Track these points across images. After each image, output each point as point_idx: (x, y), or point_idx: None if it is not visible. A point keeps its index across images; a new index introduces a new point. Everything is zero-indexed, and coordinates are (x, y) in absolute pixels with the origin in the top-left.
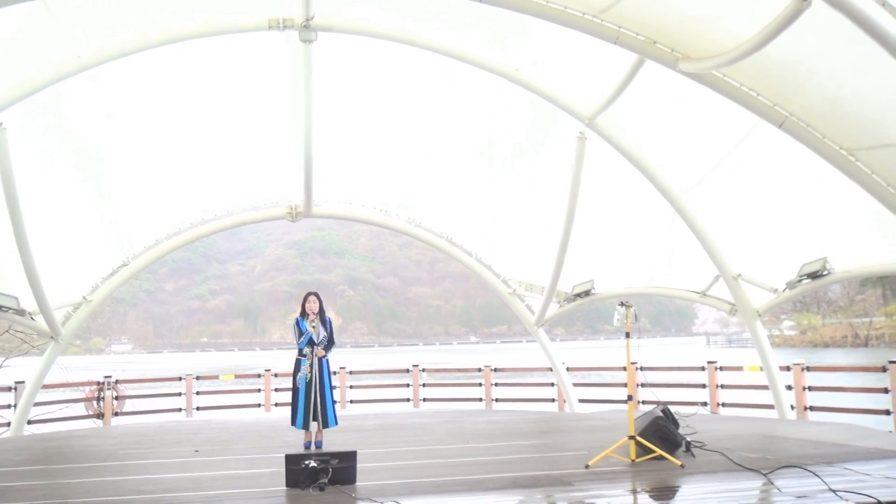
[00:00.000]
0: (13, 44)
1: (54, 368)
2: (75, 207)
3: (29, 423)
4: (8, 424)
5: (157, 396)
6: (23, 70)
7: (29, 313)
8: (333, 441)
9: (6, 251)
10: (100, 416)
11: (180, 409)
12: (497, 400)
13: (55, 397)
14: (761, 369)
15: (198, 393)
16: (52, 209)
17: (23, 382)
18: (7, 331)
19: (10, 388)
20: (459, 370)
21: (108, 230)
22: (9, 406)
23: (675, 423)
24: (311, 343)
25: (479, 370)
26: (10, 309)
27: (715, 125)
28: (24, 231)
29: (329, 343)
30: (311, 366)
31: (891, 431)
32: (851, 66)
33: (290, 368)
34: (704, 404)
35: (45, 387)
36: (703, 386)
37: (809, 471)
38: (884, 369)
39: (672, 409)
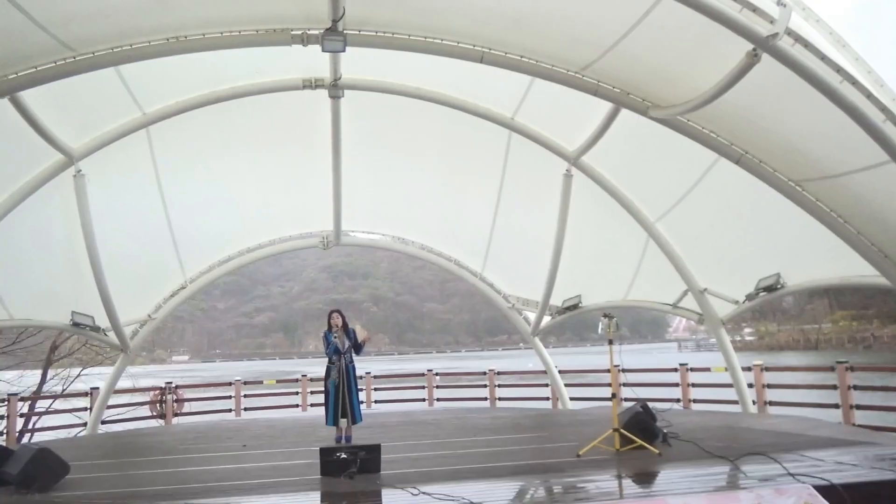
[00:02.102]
0: (87, 100)
1: (124, 376)
2: (142, 240)
3: (103, 423)
4: (85, 424)
5: (210, 399)
6: (97, 125)
7: (103, 330)
8: (361, 436)
9: (84, 278)
10: (162, 416)
11: (230, 410)
12: (500, 399)
13: (124, 401)
14: (726, 370)
15: (245, 396)
16: (122, 241)
17: (97, 388)
18: (84, 345)
19: (86, 394)
20: (467, 374)
21: (170, 258)
22: (86, 409)
23: (653, 417)
24: (337, 352)
25: (485, 374)
26: (87, 326)
27: (681, 162)
28: (98, 261)
29: (356, 350)
30: (339, 371)
31: (839, 423)
32: (797, 109)
33: (323, 374)
34: (678, 401)
35: (116, 392)
36: (677, 385)
37: (770, 457)
38: (832, 369)
39: (650, 405)
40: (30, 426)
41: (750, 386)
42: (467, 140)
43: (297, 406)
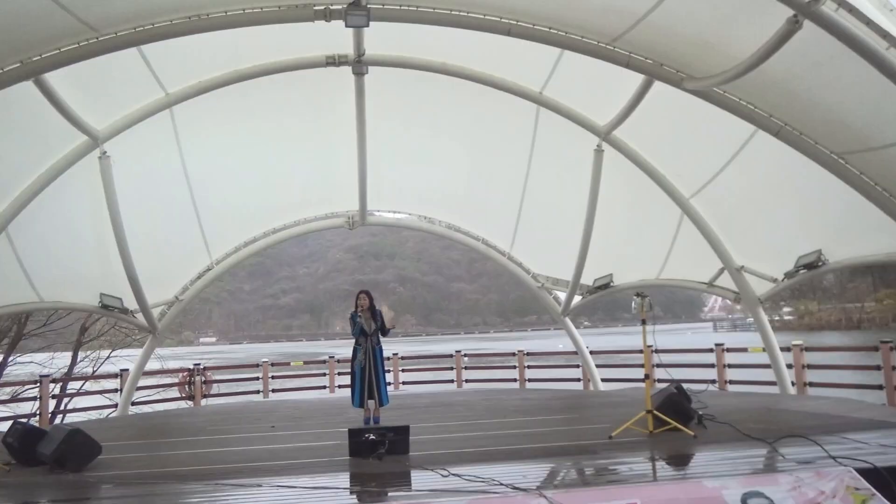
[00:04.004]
0: (111, 82)
1: (152, 358)
2: (168, 221)
3: (133, 404)
4: (115, 406)
5: (238, 381)
6: (121, 106)
7: (131, 312)
8: (389, 417)
9: (112, 260)
10: (191, 398)
11: (258, 392)
12: (529, 380)
13: (153, 383)
14: (764, 350)
15: (273, 377)
16: (148, 222)
17: (127, 370)
18: (113, 327)
19: (116, 375)
20: (496, 355)
21: (196, 240)
22: (116, 390)
23: (688, 399)
24: (363, 333)
25: (514, 354)
26: (115, 308)
27: (717, 135)
28: (126, 243)
29: (383, 332)
30: (366, 353)
31: (883, 404)
32: (841, 78)
33: (351, 356)
34: (713, 382)
35: (145, 374)
36: (712, 366)
37: (811, 440)
38: (876, 348)
39: (684, 386)
40: (61, 407)
41: (789, 367)
42: (495, 116)
43: (324, 387)
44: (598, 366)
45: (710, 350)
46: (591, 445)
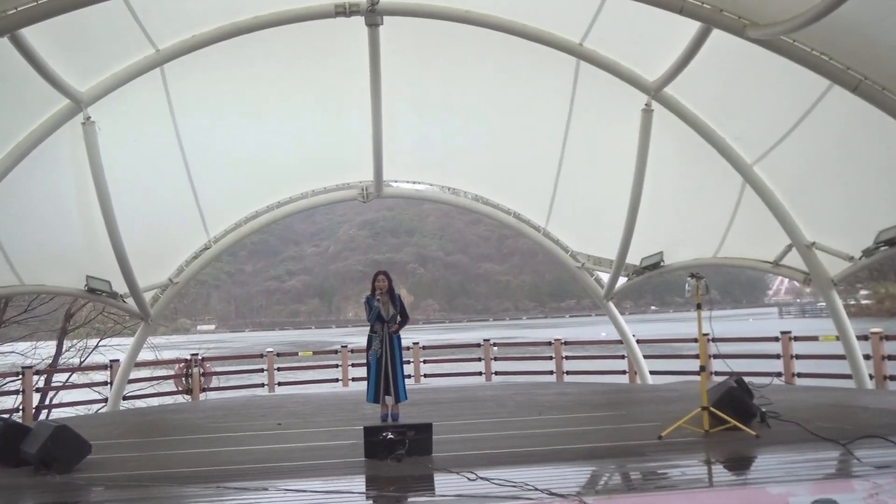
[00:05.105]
0: (95, 39)
1: (145, 348)
2: (161, 195)
3: (124, 398)
4: (105, 400)
5: (240, 373)
6: (107, 65)
7: (121, 296)
8: (409, 413)
9: (99, 238)
10: (188, 391)
11: (263, 385)
12: (568, 373)
13: (147, 375)
14: (837, 339)
15: (279, 369)
16: (138, 196)
17: (117, 361)
18: (101, 313)
19: (106, 367)
20: (530, 344)
21: (192, 215)
22: (106, 383)
23: (749, 394)
24: (380, 319)
25: (550, 343)
26: (103, 292)
27: (785, 92)
28: (113, 218)
29: (402, 319)
30: (382, 342)
31: None
32: None
33: (365, 345)
34: (779, 375)
35: (138, 365)
36: (778, 356)
37: (891, 441)
38: None
39: (745, 379)
40: (46, 402)
41: (866, 357)
42: (527, 72)
43: (336, 380)
44: (645, 356)
45: (776, 339)
46: (638, 446)
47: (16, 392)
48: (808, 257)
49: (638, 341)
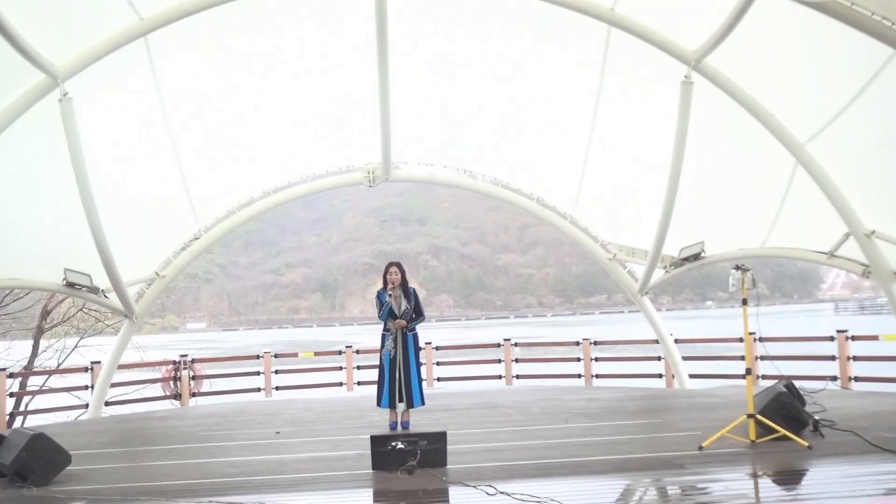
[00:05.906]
0: (72, 5)
1: (129, 348)
2: (146, 179)
3: (107, 404)
4: (86, 406)
5: (234, 376)
6: (85, 36)
7: (102, 291)
8: (421, 421)
9: (78, 227)
10: (177, 396)
11: (259, 389)
12: (597, 376)
13: (132, 378)
14: None
15: (276, 372)
16: (121, 180)
17: (99, 363)
18: (81, 310)
19: (86, 369)
20: (555, 344)
21: (180, 202)
22: (86, 387)
23: (801, 400)
24: (392, 315)
25: (577, 343)
26: (83, 287)
27: (842, 63)
28: (94, 207)
29: (417, 315)
30: (396, 341)
31: None
32: None
33: (372, 345)
34: (834, 378)
35: (121, 367)
36: (833, 358)
37: None
38: None
39: (797, 384)
40: (21, 407)
41: None
42: (551, 40)
43: (340, 384)
44: (684, 358)
45: (830, 338)
46: (676, 458)
47: None
48: (868, 247)
49: (676, 341)
